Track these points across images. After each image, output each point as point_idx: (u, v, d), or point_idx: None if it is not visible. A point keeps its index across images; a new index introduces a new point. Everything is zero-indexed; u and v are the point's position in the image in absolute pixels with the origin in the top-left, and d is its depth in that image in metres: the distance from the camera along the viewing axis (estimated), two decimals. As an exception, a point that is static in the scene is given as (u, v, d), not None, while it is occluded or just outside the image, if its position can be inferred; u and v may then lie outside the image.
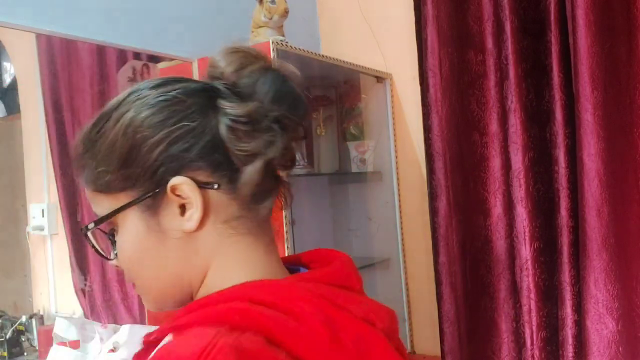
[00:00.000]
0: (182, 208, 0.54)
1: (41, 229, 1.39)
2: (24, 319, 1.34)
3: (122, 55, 1.46)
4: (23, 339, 1.33)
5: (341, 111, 2.00)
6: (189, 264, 0.56)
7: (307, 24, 2.07)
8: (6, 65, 1.40)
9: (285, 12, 1.53)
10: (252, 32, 1.55)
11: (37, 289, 1.41)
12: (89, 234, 0.58)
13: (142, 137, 0.53)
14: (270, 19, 1.51)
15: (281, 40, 1.47)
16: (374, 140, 1.95)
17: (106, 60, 1.48)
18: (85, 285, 1.47)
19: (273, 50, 1.42)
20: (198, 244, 0.55)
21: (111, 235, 0.58)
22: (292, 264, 0.62)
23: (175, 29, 1.54)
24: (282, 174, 0.59)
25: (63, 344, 1.30)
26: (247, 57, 0.57)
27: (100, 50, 1.45)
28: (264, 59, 0.58)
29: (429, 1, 1.66)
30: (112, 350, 1.27)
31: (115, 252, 0.59)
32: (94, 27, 1.33)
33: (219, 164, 0.54)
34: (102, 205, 0.57)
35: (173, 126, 0.53)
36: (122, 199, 0.55)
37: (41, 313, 1.37)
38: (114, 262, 0.60)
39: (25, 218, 1.39)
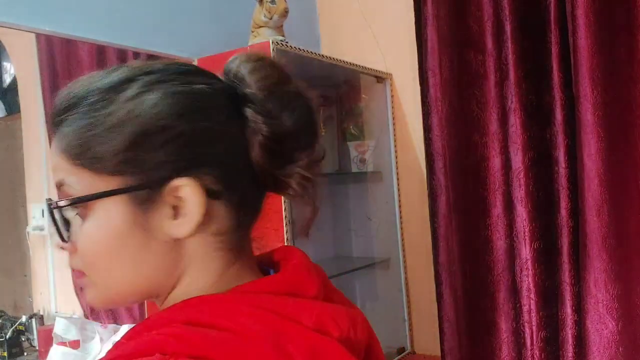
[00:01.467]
0: (175, 210, 0.48)
1: (41, 229, 1.39)
2: (24, 319, 1.34)
3: (122, 55, 1.46)
4: (23, 339, 1.33)
5: (341, 111, 2.01)
6: (166, 271, 0.50)
7: (307, 24, 2.07)
8: (6, 65, 1.40)
9: (285, 12, 1.53)
10: (252, 32, 1.55)
11: (37, 289, 1.40)
12: (55, 211, 0.51)
13: (163, 124, 0.47)
14: (270, 19, 1.51)
15: (281, 40, 1.47)
16: (374, 140, 1.95)
17: (106, 60, 1.48)
18: (85, 285, 1.47)
19: (273, 50, 1.42)
20: (182, 252, 0.50)
21: (69, 216, 0.51)
22: (265, 265, 0.59)
23: (175, 29, 1.54)
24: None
25: (63, 344, 1.30)
26: (279, 75, 0.52)
27: (100, 50, 1.45)
28: (293, 81, 0.53)
29: (429, 1, 1.66)
30: (112, 350, 1.27)
31: (68, 235, 0.52)
32: (94, 27, 1.33)
33: (234, 176, 0.50)
34: (80, 182, 0.49)
35: (200, 122, 0.48)
36: (112, 182, 0.48)
37: (41, 313, 1.37)
38: (65, 245, 0.52)
39: (25, 218, 1.39)
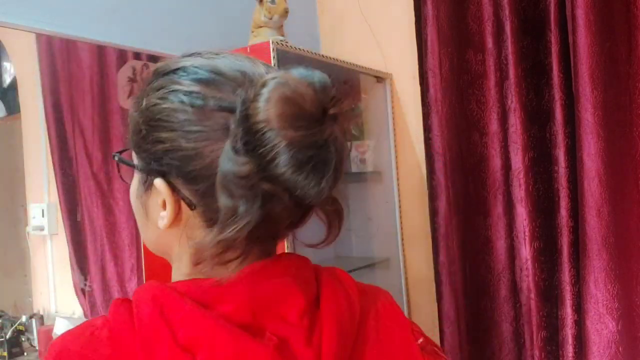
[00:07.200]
0: (163, 203, 0.53)
1: (41, 229, 1.39)
2: (24, 319, 1.34)
3: (122, 55, 1.46)
4: (23, 339, 1.33)
5: (341, 111, 2.00)
6: (163, 249, 0.58)
7: (307, 24, 2.07)
8: (6, 65, 1.40)
9: (285, 12, 1.53)
10: (252, 32, 1.55)
11: (37, 289, 1.40)
12: (116, 160, 0.59)
13: (155, 126, 0.52)
14: (270, 19, 1.51)
15: (281, 40, 1.47)
16: (374, 140, 1.95)
17: (106, 60, 1.48)
18: (85, 285, 1.47)
19: (273, 50, 1.42)
20: (169, 242, 0.56)
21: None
22: None
23: (175, 29, 1.54)
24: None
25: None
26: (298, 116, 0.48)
27: (100, 50, 1.45)
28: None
29: (429, 1, 1.66)
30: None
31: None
32: (94, 27, 1.33)
33: (203, 193, 0.51)
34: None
35: (187, 135, 0.50)
36: (134, 157, 0.56)
37: (41, 313, 1.37)
38: None
39: (25, 218, 1.39)
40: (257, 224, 0.48)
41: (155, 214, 0.55)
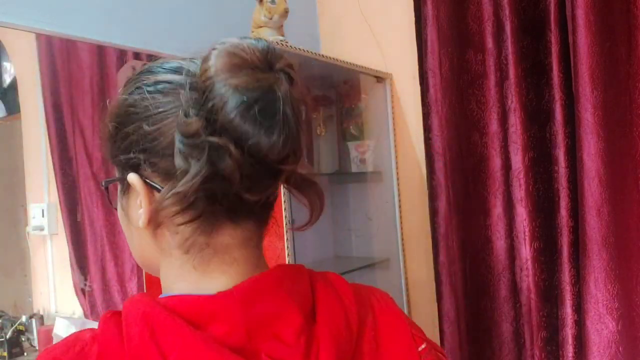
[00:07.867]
0: (140, 201, 0.53)
1: (41, 229, 1.39)
2: (24, 319, 1.34)
3: (122, 55, 1.46)
4: (23, 339, 1.33)
5: (341, 111, 2.01)
6: (148, 252, 0.57)
7: (307, 24, 2.07)
8: (6, 65, 1.40)
9: (285, 12, 1.53)
10: (252, 32, 1.55)
11: (37, 289, 1.41)
12: (103, 185, 0.60)
13: (120, 122, 0.53)
14: (270, 19, 1.51)
15: (281, 40, 1.47)
16: (374, 140, 1.95)
17: (106, 60, 1.48)
18: (85, 285, 1.47)
19: (273, 50, 1.42)
20: (154, 245, 0.55)
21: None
22: None
23: (175, 29, 1.54)
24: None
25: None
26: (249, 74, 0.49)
27: (100, 50, 1.45)
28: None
29: (429, 1, 1.66)
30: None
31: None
32: (94, 27, 1.33)
33: (168, 171, 0.51)
34: None
35: (149, 119, 0.51)
36: (115, 170, 0.57)
37: (41, 313, 1.38)
38: None
39: (25, 218, 1.39)
40: (208, 178, 0.48)
41: (136, 215, 0.54)
